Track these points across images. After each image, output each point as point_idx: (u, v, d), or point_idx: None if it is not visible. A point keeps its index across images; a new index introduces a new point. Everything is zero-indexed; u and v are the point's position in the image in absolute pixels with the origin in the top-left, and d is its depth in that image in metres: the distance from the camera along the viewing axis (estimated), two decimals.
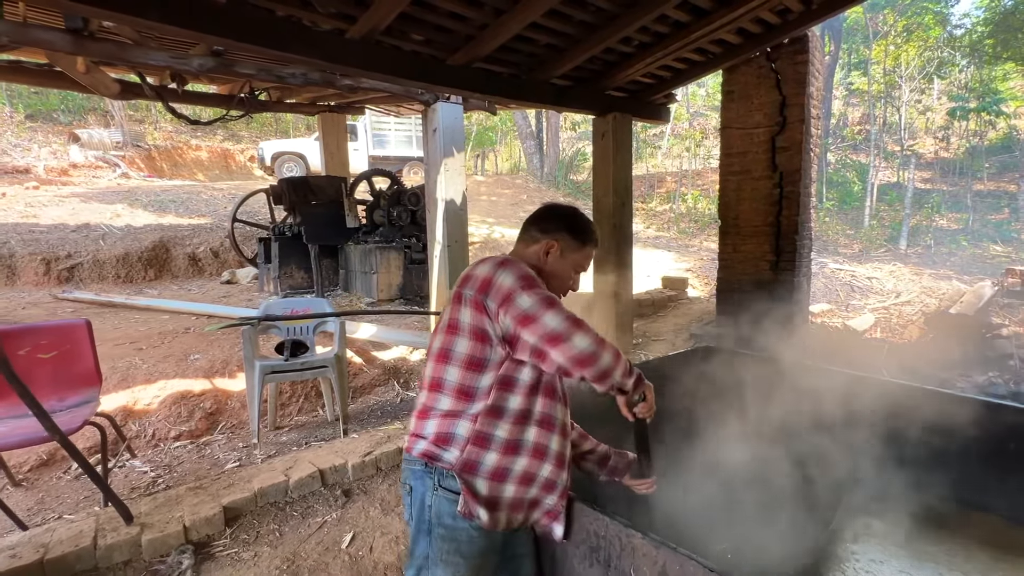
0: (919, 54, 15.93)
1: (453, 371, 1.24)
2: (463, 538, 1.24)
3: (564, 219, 1.38)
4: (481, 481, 1.24)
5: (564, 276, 1.37)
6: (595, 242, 1.41)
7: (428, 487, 1.24)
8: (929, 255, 10.49)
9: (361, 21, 2.82)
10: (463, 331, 1.23)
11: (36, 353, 2.68)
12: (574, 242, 1.37)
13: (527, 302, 1.17)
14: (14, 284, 6.07)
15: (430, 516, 1.24)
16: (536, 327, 1.16)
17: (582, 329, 1.17)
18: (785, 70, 4.18)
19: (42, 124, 13.38)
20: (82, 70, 3.46)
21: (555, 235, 1.36)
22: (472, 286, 1.23)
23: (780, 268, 4.40)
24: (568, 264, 1.37)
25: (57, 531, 2.16)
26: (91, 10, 2.28)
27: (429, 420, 1.27)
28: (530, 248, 1.37)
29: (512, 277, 1.20)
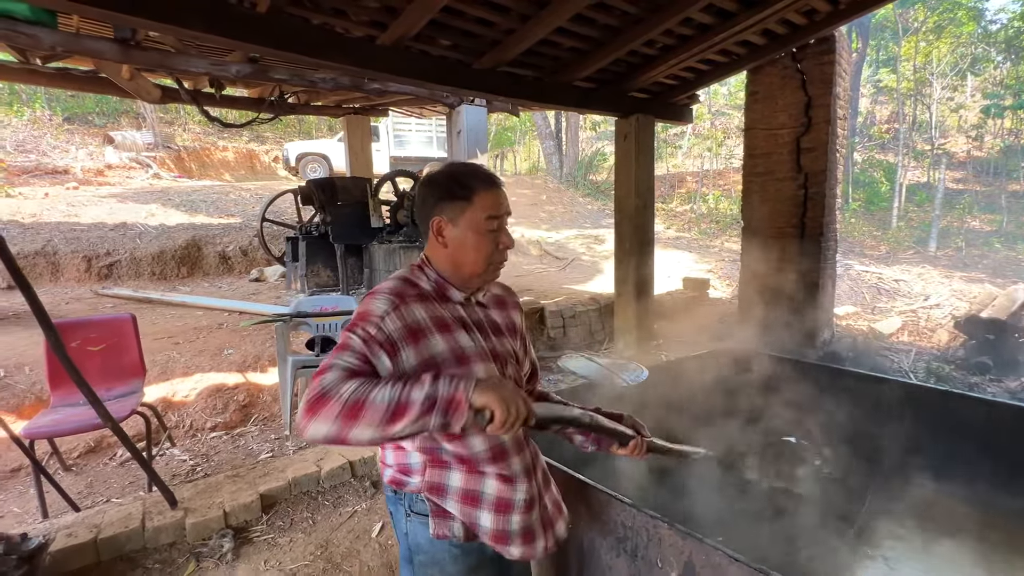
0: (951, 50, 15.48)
1: None
2: (446, 559, 1.14)
3: (432, 187, 1.14)
4: (452, 503, 1.11)
5: (476, 243, 1.11)
6: (484, 183, 1.12)
7: (401, 514, 1.16)
8: (960, 257, 10.19)
9: (392, 28, 2.91)
10: None
11: (86, 346, 2.84)
12: (457, 202, 1.10)
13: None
14: (58, 281, 6.36)
15: (409, 544, 1.16)
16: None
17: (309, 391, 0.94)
18: (811, 70, 4.15)
19: (79, 127, 13.92)
20: (127, 77, 3.64)
21: (432, 212, 1.13)
22: None
23: (804, 270, 4.37)
24: (468, 228, 1.10)
25: (108, 513, 2.30)
26: (140, 21, 2.40)
27: (387, 449, 1.18)
28: (430, 240, 1.15)
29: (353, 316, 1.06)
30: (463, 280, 1.16)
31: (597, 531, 1.47)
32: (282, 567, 2.17)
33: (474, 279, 1.17)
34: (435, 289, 1.15)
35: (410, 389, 0.94)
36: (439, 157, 14.31)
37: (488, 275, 1.17)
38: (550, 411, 1.19)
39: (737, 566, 1.15)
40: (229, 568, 2.15)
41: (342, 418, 0.91)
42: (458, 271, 1.15)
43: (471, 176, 1.13)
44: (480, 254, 1.12)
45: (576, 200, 15.39)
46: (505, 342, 1.23)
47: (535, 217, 13.24)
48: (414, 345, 1.05)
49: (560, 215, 13.84)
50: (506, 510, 1.12)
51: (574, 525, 1.51)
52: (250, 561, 2.19)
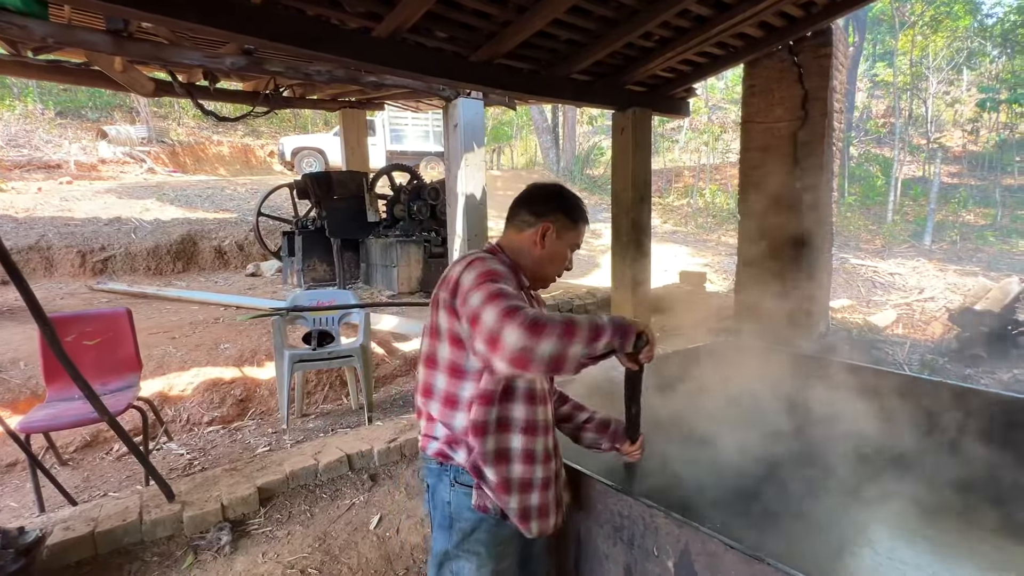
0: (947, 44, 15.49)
1: (441, 378, 1.23)
2: (483, 528, 1.25)
3: (556, 199, 1.33)
4: (488, 490, 1.23)
5: (561, 258, 1.34)
6: (586, 218, 1.38)
7: (446, 483, 1.26)
8: (955, 251, 10.24)
9: (387, 19, 2.89)
10: (443, 336, 1.20)
11: (82, 340, 2.83)
12: (568, 221, 1.32)
13: (475, 300, 1.07)
14: (52, 275, 6.33)
15: (450, 512, 1.26)
16: (479, 328, 1.03)
17: (511, 321, 0.99)
18: (808, 64, 4.15)
19: (72, 121, 13.79)
20: (120, 69, 3.60)
21: (549, 217, 1.30)
22: (446, 288, 1.18)
23: (800, 263, 4.39)
24: (564, 245, 1.33)
25: (105, 507, 2.30)
26: (133, 12, 2.38)
27: (435, 424, 1.27)
28: (524, 233, 1.31)
29: (473, 275, 1.13)
30: (531, 277, 1.33)
31: (594, 520, 1.49)
32: (280, 559, 2.17)
33: (540, 282, 1.36)
34: (511, 270, 1.27)
35: (594, 318, 1.09)
36: (436, 152, 14.26)
37: (548, 283, 1.38)
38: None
39: (733, 553, 1.16)
40: (227, 560, 2.16)
41: (564, 336, 1.00)
42: (535, 271, 1.32)
43: (583, 207, 1.39)
44: (560, 266, 1.36)
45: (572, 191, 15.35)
46: None
47: None
48: None
49: None
50: (527, 489, 1.25)
51: (570, 515, 1.52)
52: (248, 553, 2.20)
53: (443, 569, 1.30)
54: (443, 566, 1.30)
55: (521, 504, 1.24)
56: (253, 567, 2.13)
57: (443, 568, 1.30)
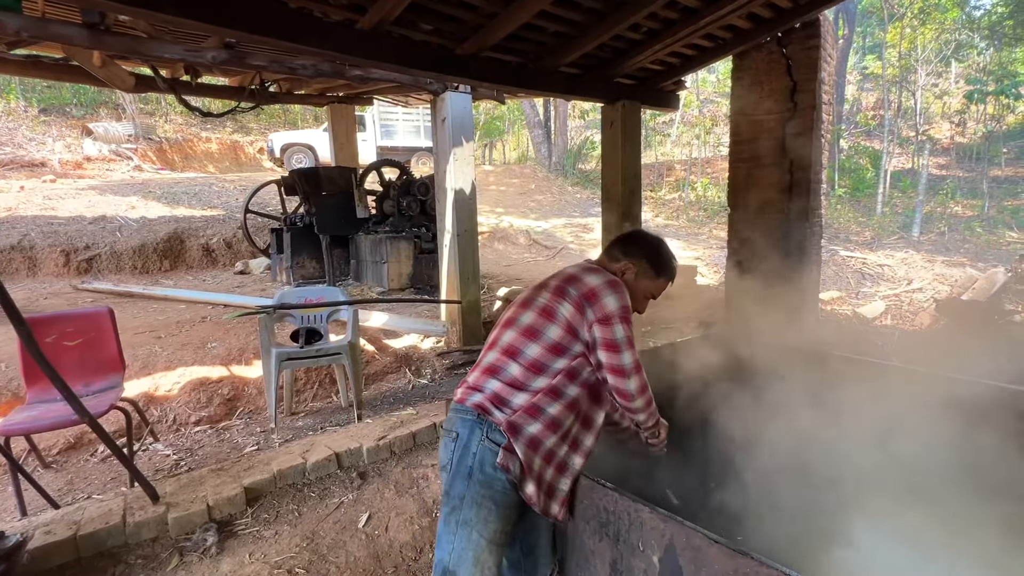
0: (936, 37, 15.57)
1: (535, 348, 1.39)
2: (498, 487, 1.35)
3: (647, 247, 1.56)
4: (520, 445, 1.34)
5: (635, 299, 1.50)
6: (671, 275, 1.57)
7: (476, 436, 1.35)
8: (942, 242, 10.33)
9: (371, 11, 2.84)
10: (559, 321, 1.40)
11: (63, 340, 2.78)
12: (651, 271, 1.54)
13: (620, 334, 1.38)
14: (36, 275, 6.22)
15: (472, 462, 1.35)
16: (614, 356, 1.38)
17: (639, 377, 1.42)
18: (796, 55, 4.14)
19: (56, 118, 13.55)
20: (98, 64, 3.52)
21: (635, 259, 1.53)
22: (579, 289, 1.40)
23: (789, 256, 4.39)
24: (640, 289, 1.53)
25: (88, 509, 2.27)
26: (108, 4, 2.32)
27: (492, 379, 1.40)
28: (612, 266, 1.54)
29: (617, 304, 1.38)
30: None
31: (580, 515, 1.48)
32: (267, 559, 2.15)
33: None
34: None
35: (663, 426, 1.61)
36: (427, 147, 14.17)
37: None
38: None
39: (717, 547, 1.15)
40: (213, 562, 2.13)
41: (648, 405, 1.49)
42: None
43: (671, 265, 1.59)
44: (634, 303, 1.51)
45: (565, 189, 15.35)
46: None
47: (524, 206, 13.20)
48: None
49: (549, 204, 13.81)
50: (549, 459, 1.37)
51: None
52: (235, 554, 2.17)
53: (452, 514, 1.38)
54: (453, 511, 1.37)
55: (540, 470, 1.35)
56: (240, 568, 2.11)
57: (453, 513, 1.38)
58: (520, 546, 1.53)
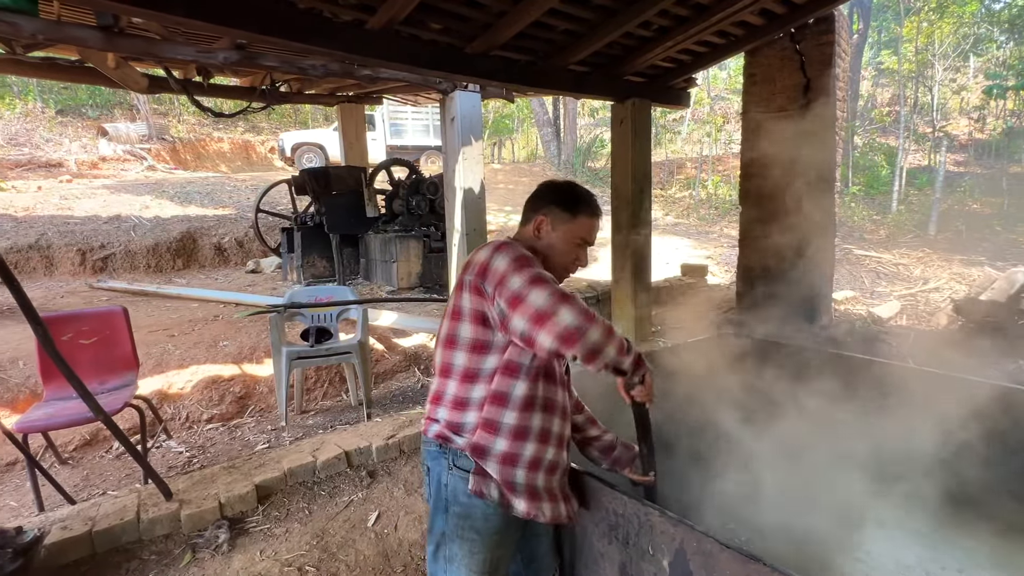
0: (954, 31, 15.25)
1: (460, 355, 1.27)
2: (478, 515, 1.26)
3: (553, 193, 1.38)
4: (492, 464, 1.24)
5: (562, 251, 1.34)
6: (590, 211, 1.36)
7: (443, 467, 1.27)
8: (960, 241, 10.12)
9: (381, 11, 2.84)
10: (465, 316, 1.25)
11: (78, 339, 2.82)
12: (564, 214, 1.34)
13: (516, 282, 1.16)
14: (52, 274, 6.33)
15: (446, 495, 1.27)
16: (524, 307, 1.14)
17: (568, 303, 1.13)
18: (810, 51, 4.08)
19: (72, 119, 13.78)
20: (112, 66, 3.57)
21: (544, 210, 1.35)
22: (472, 271, 1.24)
23: (803, 255, 4.33)
24: (562, 237, 1.33)
25: (103, 505, 2.30)
26: (121, 7, 2.35)
27: (441, 406, 1.30)
28: (527, 227, 1.38)
29: (506, 259, 1.20)
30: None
31: (588, 518, 1.47)
32: (278, 557, 2.17)
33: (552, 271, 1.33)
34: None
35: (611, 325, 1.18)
36: (436, 146, 14.20)
37: (561, 275, 1.37)
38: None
39: (728, 553, 1.14)
40: (225, 559, 2.16)
41: (584, 316, 1.13)
42: (542, 263, 1.30)
43: (583, 200, 1.37)
44: (564, 260, 1.36)
45: None
46: None
47: None
48: None
49: None
50: (536, 467, 1.27)
51: None
52: (246, 551, 2.19)
53: (439, 552, 1.31)
54: (439, 548, 1.31)
55: (528, 481, 1.26)
56: (251, 565, 2.13)
57: (439, 551, 1.31)
58: (521, 556, 1.46)
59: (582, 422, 1.56)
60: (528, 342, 1.16)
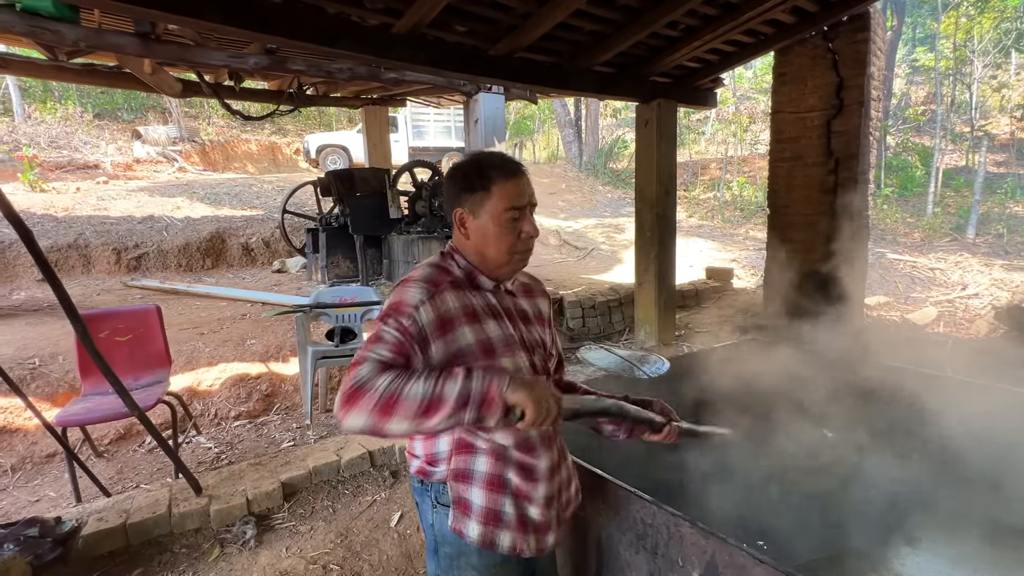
0: (995, 25, 14.65)
1: None
2: (471, 552, 1.13)
3: (455, 179, 1.15)
4: (477, 490, 1.12)
5: (495, 232, 1.10)
6: (503, 173, 1.10)
7: (428, 504, 1.17)
8: (1001, 244, 9.70)
9: (407, 15, 2.87)
10: None
11: (114, 336, 2.92)
12: (473, 195, 1.10)
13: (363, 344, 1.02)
14: (89, 272, 6.57)
15: (435, 534, 1.17)
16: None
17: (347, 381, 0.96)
18: (843, 50, 3.96)
19: (108, 122, 14.29)
20: (148, 71, 3.68)
21: (455, 203, 1.14)
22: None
23: (833, 259, 4.21)
24: (489, 219, 1.10)
25: (136, 499, 2.37)
26: (157, 14, 2.42)
27: (415, 441, 1.19)
28: (454, 231, 1.17)
29: (385, 305, 1.08)
30: (490, 270, 1.17)
31: (616, 527, 1.44)
32: (303, 554, 2.20)
33: (500, 269, 1.17)
34: (466, 276, 1.16)
35: (443, 384, 0.96)
36: (457, 147, 14.28)
37: (513, 265, 1.16)
38: (580, 404, 1.18)
39: (763, 568, 1.10)
40: (252, 554, 2.20)
41: (377, 412, 0.94)
42: (484, 261, 1.16)
43: (490, 166, 1.12)
44: (502, 245, 1.12)
45: (596, 188, 15.19)
46: (533, 330, 1.24)
47: (554, 206, 13.12)
48: (443, 338, 1.06)
49: (579, 204, 13.69)
50: (527, 500, 1.14)
51: (592, 520, 1.48)
52: (272, 548, 2.23)
53: None
54: None
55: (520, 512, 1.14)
56: (277, 561, 2.16)
57: None
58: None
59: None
60: None
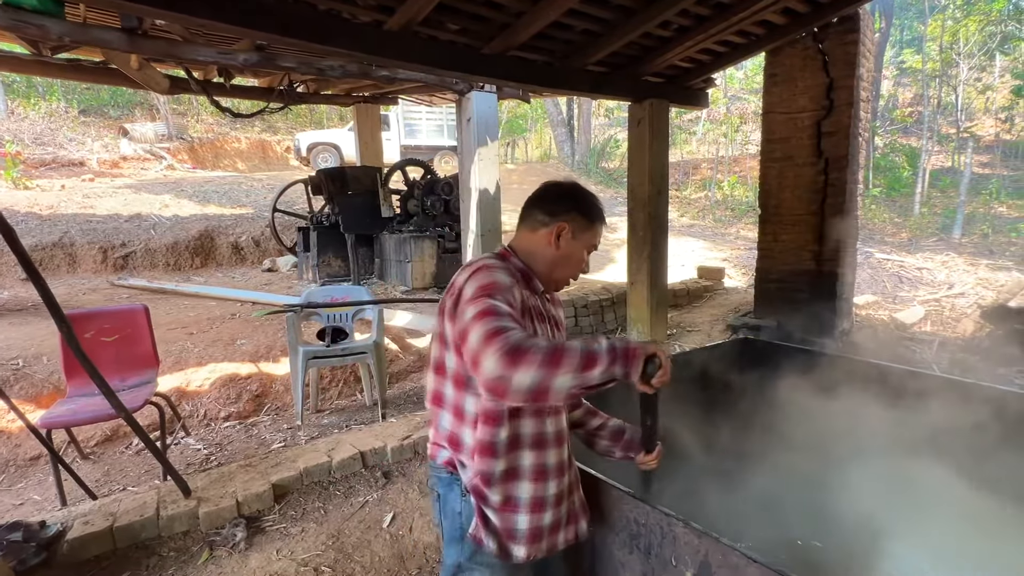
0: (980, 29, 14.87)
1: (448, 387, 1.19)
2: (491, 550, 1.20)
3: (572, 198, 1.27)
4: (492, 512, 1.18)
5: (577, 259, 1.28)
6: (602, 218, 1.30)
7: (456, 494, 1.21)
8: (986, 244, 9.86)
9: (399, 12, 2.85)
10: (449, 345, 1.14)
11: (100, 336, 2.87)
12: (584, 221, 1.26)
13: (468, 314, 1.03)
14: (75, 271, 6.47)
15: (461, 523, 1.21)
16: (465, 349, 1.01)
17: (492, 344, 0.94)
18: (833, 51, 4.00)
19: (94, 119, 14.08)
20: (135, 67, 3.63)
21: (564, 217, 1.24)
22: (451, 295, 1.14)
23: (823, 258, 4.25)
24: (580, 245, 1.26)
25: (123, 501, 2.33)
26: (145, 9, 2.37)
27: (444, 432, 1.23)
28: (537, 233, 1.25)
29: (474, 285, 1.08)
30: (545, 280, 1.28)
31: (609, 527, 1.44)
32: (294, 556, 2.18)
33: (555, 284, 1.31)
34: (522, 276, 1.24)
35: (589, 341, 1.00)
36: (450, 146, 14.23)
37: (563, 285, 1.33)
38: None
39: (756, 567, 1.11)
40: (242, 557, 2.17)
41: (547, 366, 0.93)
42: (549, 273, 1.27)
43: (599, 207, 1.32)
44: (576, 268, 1.30)
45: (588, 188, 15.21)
46: (559, 338, 1.34)
47: None
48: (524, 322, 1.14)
49: None
50: (539, 508, 1.20)
51: None
52: (263, 550, 2.21)
53: None
54: None
55: (532, 524, 1.19)
56: (267, 564, 2.14)
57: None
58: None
59: (581, 416, 1.48)
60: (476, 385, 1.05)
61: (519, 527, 1.18)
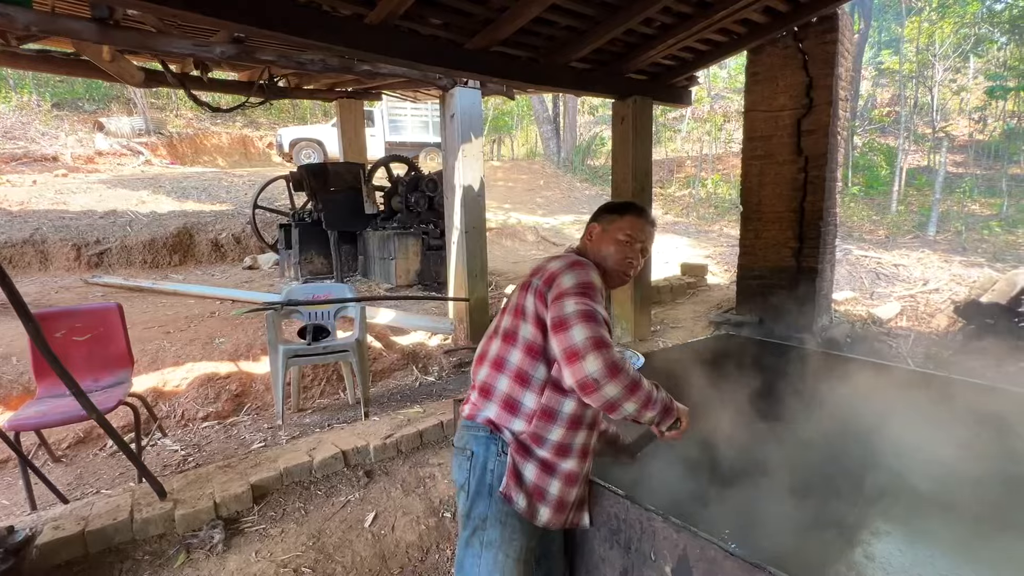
0: (955, 31, 15.24)
1: (516, 354, 1.30)
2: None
3: (603, 206, 1.51)
4: (531, 468, 1.29)
5: (615, 251, 1.40)
6: (636, 211, 1.45)
7: (492, 453, 1.30)
8: (959, 241, 10.12)
9: (380, 5, 2.81)
10: (528, 317, 1.29)
11: (72, 336, 2.79)
12: (610, 215, 1.45)
13: (570, 307, 1.19)
14: (47, 269, 6.28)
15: (492, 479, 1.29)
16: (563, 336, 1.17)
17: (599, 352, 1.13)
18: (813, 50, 4.05)
19: (68, 113, 13.66)
20: (108, 59, 3.52)
21: (595, 220, 1.48)
22: (541, 276, 1.29)
23: (803, 255, 4.32)
24: (612, 236, 1.41)
25: (96, 505, 2.27)
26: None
27: (491, 400, 1.33)
28: (583, 240, 1.49)
29: (574, 279, 1.24)
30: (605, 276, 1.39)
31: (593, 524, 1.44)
32: (273, 558, 2.14)
33: (610, 281, 1.41)
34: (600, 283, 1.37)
35: (652, 386, 1.21)
36: (435, 142, 14.14)
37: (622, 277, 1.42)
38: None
39: (733, 560, 1.12)
40: (220, 559, 2.13)
41: (627, 390, 1.15)
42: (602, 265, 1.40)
43: (628, 203, 1.50)
44: (619, 260, 1.40)
45: (573, 185, 15.27)
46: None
47: (532, 202, 13.14)
48: None
49: (557, 200, 13.74)
50: (572, 482, 1.32)
51: None
52: (241, 552, 2.17)
53: (475, 536, 1.32)
54: (475, 533, 1.32)
55: (562, 494, 1.31)
56: (246, 566, 2.10)
57: (475, 536, 1.32)
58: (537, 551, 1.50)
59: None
60: (559, 369, 1.23)
61: (551, 491, 1.30)
